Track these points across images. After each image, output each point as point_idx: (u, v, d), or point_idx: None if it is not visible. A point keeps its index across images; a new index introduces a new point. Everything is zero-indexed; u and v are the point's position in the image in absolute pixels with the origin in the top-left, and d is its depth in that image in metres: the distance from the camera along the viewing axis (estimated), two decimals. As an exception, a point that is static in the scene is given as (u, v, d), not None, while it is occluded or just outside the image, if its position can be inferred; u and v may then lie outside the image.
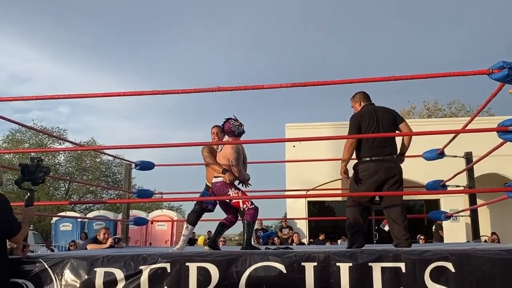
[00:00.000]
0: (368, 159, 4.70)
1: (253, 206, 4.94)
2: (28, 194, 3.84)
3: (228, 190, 5.02)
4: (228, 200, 5.14)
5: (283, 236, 13.95)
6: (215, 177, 5.16)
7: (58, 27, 62.27)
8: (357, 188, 4.74)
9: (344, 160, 4.81)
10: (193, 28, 70.39)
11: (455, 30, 57.68)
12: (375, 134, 4.68)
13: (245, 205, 4.92)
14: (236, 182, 5.20)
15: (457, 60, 50.22)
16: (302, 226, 15.30)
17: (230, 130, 5.16)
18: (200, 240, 14.80)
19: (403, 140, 4.92)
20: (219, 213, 5.51)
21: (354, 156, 4.85)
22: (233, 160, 5.05)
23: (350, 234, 4.74)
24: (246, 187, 5.33)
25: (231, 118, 5.20)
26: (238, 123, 5.18)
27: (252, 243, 5.11)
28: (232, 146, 5.11)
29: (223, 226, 5.37)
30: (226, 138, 5.28)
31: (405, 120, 4.96)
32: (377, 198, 4.91)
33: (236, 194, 5.00)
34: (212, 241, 5.28)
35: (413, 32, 61.00)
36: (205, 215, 5.51)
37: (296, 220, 15.09)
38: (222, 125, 5.24)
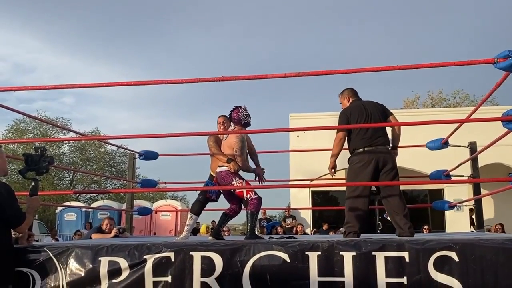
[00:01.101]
0: (361, 150, 4.74)
1: (257, 196, 4.95)
2: (32, 184, 3.85)
3: (232, 180, 5.04)
4: (232, 190, 5.15)
5: (287, 226, 13.97)
6: (219, 166, 5.17)
7: (62, 18, 62.15)
8: (354, 179, 4.77)
9: (333, 155, 4.87)
10: (196, 19, 70.18)
11: (459, 20, 57.36)
12: (371, 124, 4.71)
13: (248, 195, 4.94)
14: (242, 173, 5.20)
15: (462, 50, 49.96)
16: (306, 216, 15.32)
17: (238, 118, 5.16)
18: (203, 229, 14.86)
19: (393, 133, 4.97)
20: (223, 203, 5.52)
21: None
22: (237, 149, 5.06)
23: (345, 224, 4.74)
24: (261, 183, 5.33)
25: (240, 107, 5.20)
26: (246, 113, 5.19)
27: (256, 232, 5.12)
28: (237, 136, 5.11)
29: (226, 216, 5.39)
30: (232, 126, 5.28)
31: (393, 113, 5.01)
32: (373, 188, 4.93)
33: (240, 184, 5.01)
34: (215, 231, 5.29)
35: (417, 22, 60.66)
36: (209, 205, 5.52)
37: (300, 210, 15.11)
38: (230, 112, 5.23)
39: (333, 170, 4.90)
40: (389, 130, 4.96)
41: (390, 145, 4.91)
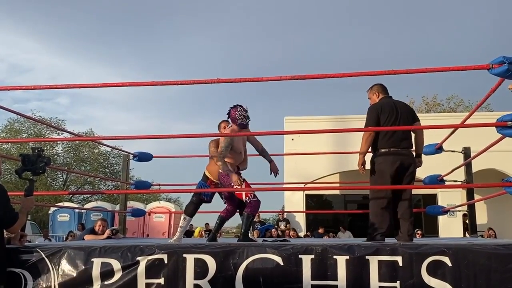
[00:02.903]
0: (386, 150, 4.67)
1: (256, 199, 4.84)
2: (28, 184, 3.84)
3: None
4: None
5: (280, 229, 13.96)
6: None
7: (59, 19, 62.05)
8: (376, 180, 4.71)
9: (361, 153, 4.79)
10: (194, 20, 70.21)
11: (455, 25, 57.60)
12: (365, 128, 4.69)
13: (247, 197, 4.84)
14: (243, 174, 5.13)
15: (456, 56, 50.22)
16: (300, 219, 15.30)
17: (234, 117, 5.06)
18: (196, 232, 14.83)
19: (417, 140, 4.90)
20: (216, 205, 5.49)
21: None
22: (221, 147, 4.92)
23: (370, 226, 4.69)
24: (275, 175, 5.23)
25: (240, 106, 5.11)
26: (244, 114, 5.06)
27: (250, 236, 5.09)
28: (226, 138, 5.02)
29: (222, 220, 5.32)
30: (229, 124, 5.18)
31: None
32: None
33: (240, 186, 4.94)
34: (213, 237, 5.23)
35: (413, 27, 60.87)
36: (203, 207, 5.49)
37: (294, 213, 15.09)
38: (229, 110, 5.16)
39: (362, 167, 4.83)
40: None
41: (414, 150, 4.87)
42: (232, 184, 4.87)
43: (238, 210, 5.27)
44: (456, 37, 58.29)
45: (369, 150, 4.87)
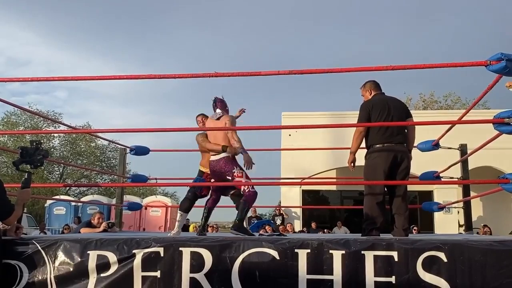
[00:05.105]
0: (380, 145, 4.69)
1: (254, 189, 4.84)
2: (25, 177, 3.84)
3: (233, 168, 4.88)
4: (229, 178, 4.94)
5: (276, 224, 13.96)
6: (214, 155, 5.03)
7: (59, 12, 61.84)
8: (370, 175, 4.72)
9: (352, 152, 4.82)
10: (194, 15, 70.04)
11: (452, 23, 57.62)
12: (372, 124, 4.69)
13: (246, 187, 4.83)
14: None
15: (454, 54, 50.26)
16: (296, 215, 15.32)
17: (225, 104, 5.24)
18: (192, 227, 14.85)
19: (408, 137, 4.91)
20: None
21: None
22: (235, 138, 4.92)
23: (365, 221, 4.70)
24: (247, 168, 5.20)
25: (219, 97, 5.27)
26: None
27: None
28: (229, 119, 5.03)
29: (210, 209, 5.30)
30: (219, 113, 5.18)
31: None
32: None
33: (241, 174, 4.86)
34: (203, 228, 5.26)
35: (411, 25, 60.86)
36: (200, 202, 5.49)
37: (291, 209, 15.10)
38: (215, 103, 5.23)
39: (352, 164, 4.85)
40: None
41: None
42: (234, 171, 4.85)
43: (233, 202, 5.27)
44: (456, 37, 58.28)
45: (363, 146, 4.89)
